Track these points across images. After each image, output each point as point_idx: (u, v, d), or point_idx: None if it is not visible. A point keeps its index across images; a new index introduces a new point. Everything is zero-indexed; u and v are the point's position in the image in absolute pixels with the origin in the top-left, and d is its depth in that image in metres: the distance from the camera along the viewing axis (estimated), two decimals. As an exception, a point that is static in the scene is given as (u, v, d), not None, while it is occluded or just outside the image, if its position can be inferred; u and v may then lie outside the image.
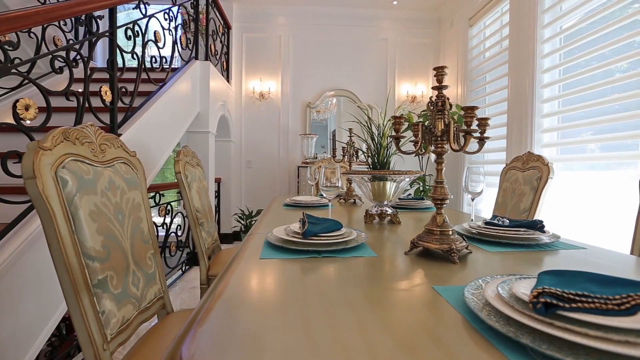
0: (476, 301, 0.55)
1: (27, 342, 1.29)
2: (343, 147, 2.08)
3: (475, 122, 0.78)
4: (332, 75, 4.44)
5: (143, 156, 2.12)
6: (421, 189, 3.73)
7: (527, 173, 1.98)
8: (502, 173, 2.18)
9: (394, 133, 0.93)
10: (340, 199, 2.21)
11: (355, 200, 2.16)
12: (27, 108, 1.27)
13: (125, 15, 5.01)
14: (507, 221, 1.11)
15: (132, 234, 1.09)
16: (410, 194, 2.28)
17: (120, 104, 1.90)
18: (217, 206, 4.07)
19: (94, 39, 1.70)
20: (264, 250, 0.94)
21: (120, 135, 1.85)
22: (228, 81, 4.11)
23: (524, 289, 0.53)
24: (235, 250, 1.02)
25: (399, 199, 2.06)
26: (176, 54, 2.78)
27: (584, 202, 2.28)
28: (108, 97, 1.77)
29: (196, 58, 3.11)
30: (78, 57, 1.64)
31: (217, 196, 4.07)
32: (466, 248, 0.91)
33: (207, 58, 3.22)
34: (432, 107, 0.89)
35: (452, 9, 4.06)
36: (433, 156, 0.92)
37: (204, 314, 0.55)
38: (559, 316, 0.45)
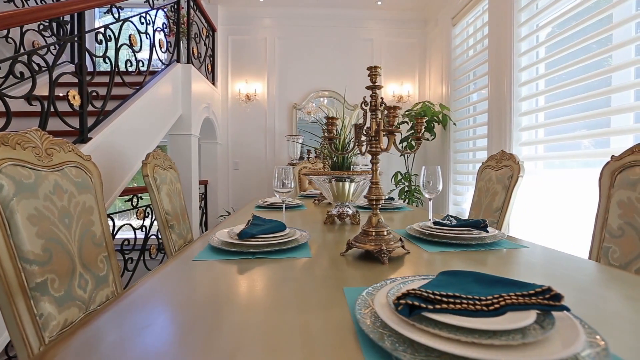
0: (368, 302, 0.55)
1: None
2: (316, 149, 2.08)
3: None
4: (318, 77, 4.44)
5: (116, 160, 2.12)
6: (406, 189, 3.72)
7: (500, 172, 1.97)
8: (479, 172, 2.17)
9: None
10: (314, 200, 2.21)
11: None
12: (-17, 113, 1.28)
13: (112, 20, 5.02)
14: (455, 221, 1.11)
15: (81, 237, 1.10)
16: (389, 195, 2.28)
17: (92, 108, 1.91)
18: (204, 208, 4.08)
19: (58, 45, 1.71)
20: (203, 251, 0.94)
21: (90, 139, 1.86)
22: (213, 83, 4.12)
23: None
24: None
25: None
26: (156, 57, 2.79)
27: (559, 200, 2.27)
28: (76, 102, 1.78)
29: (178, 61, 3.12)
30: (46, 61, 1.65)
31: (204, 198, 4.08)
32: (403, 247, 0.91)
33: (189, 61, 3.23)
34: (365, 107, 0.89)
35: (436, 8, 4.05)
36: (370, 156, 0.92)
37: (97, 317, 0.56)
38: (425, 318, 0.44)
